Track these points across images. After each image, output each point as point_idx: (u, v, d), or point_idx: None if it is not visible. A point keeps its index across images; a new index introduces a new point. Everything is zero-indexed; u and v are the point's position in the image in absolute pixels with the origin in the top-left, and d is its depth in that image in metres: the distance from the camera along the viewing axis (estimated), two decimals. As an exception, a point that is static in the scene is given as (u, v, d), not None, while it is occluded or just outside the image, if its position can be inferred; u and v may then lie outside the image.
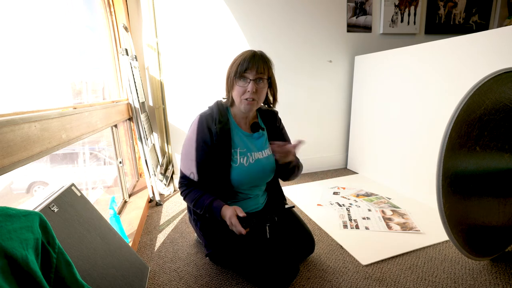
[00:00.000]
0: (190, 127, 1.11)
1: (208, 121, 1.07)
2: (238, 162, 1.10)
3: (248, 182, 1.14)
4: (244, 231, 0.93)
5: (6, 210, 0.48)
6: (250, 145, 1.14)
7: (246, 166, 1.11)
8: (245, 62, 1.00)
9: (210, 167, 1.09)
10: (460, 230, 0.97)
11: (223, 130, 1.08)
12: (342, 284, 1.07)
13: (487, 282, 1.05)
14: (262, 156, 1.17)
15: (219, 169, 1.08)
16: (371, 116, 2.18)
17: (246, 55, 1.02)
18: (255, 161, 1.14)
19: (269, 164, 1.18)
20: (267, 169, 1.17)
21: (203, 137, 1.07)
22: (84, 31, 1.59)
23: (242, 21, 2.04)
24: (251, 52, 1.04)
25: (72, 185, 0.98)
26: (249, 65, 0.99)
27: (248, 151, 1.13)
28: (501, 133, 0.98)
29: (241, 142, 1.12)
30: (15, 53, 1.00)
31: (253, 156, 1.14)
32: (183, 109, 2.05)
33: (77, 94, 1.51)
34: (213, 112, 1.10)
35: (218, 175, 1.09)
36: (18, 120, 0.71)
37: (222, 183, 1.09)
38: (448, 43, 1.53)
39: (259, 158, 1.15)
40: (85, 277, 0.78)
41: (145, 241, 1.42)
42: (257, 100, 1.04)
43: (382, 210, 1.66)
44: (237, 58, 1.05)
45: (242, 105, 1.05)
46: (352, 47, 2.33)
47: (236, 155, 1.11)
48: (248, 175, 1.12)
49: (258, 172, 1.15)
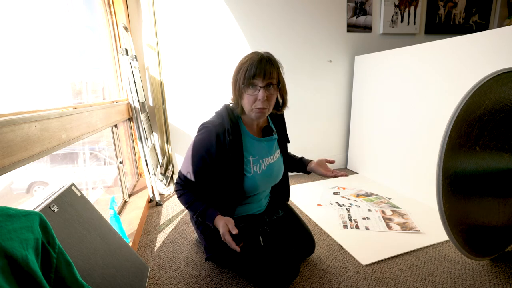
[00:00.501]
0: (198, 134, 1.04)
1: (218, 132, 1.00)
2: (251, 171, 1.07)
3: (261, 188, 1.13)
4: (238, 248, 0.94)
5: (6, 210, 0.48)
6: (262, 151, 1.11)
7: (259, 174, 1.09)
8: (253, 67, 0.93)
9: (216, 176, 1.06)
10: (460, 230, 0.97)
11: (235, 140, 1.02)
12: (342, 284, 1.07)
13: (487, 282, 1.05)
14: (273, 160, 1.14)
15: (231, 179, 1.05)
16: (371, 116, 2.18)
17: (253, 60, 0.94)
18: (267, 167, 1.11)
19: (280, 168, 1.17)
20: (278, 173, 1.16)
21: (208, 147, 1.01)
22: (84, 31, 1.59)
23: (242, 21, 2.04)
24: (257, 56, 0.96)
25: (72, 185, 0.98)
26: (256, 71, 0.92)
27: (260, 158, 1.09)
28: (501, 133, 0.98)
29: (253, 149, 1.08)
30: (15, 53, 1.00)
31: (265, 163, 1.11)
32: (183, 109, 2.06)
33: (77, 94, 1.51)
34: (223, 121, 1.02)
35: (229, 184, 1.06)
36: (18, 120, 0.71)
37: (234, 191, 1.07)
38: (448, 43, 1.53)
39: (271, 163, 1.13)
40: (85, 277, 0.78)
41: (145, 241, 1.42)
42: (268, 107, 0.98)
43: (382, 210, 1.66)
44: (243, 63, 0.97)
45: (253, 113, 0.99)
46: (352, 47, 2.33)
47: (250, 164, 1.07)
48: (261, 182, 1.10)
49: (270, 177, 1.13)
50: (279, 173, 1.18)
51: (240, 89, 0.97)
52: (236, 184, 1.05)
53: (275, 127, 1.19)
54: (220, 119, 1.03)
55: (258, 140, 1.10)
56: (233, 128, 1.02)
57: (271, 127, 1.16)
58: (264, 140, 1.12)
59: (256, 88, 0.95)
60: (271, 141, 1.15)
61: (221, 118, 1.03)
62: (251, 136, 1.09)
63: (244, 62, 0.97)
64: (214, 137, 1.00)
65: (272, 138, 1.15)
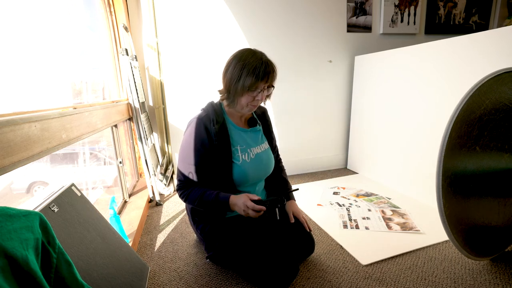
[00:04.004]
0: (186, 130, 1.11)
1: (205, 123, 1.06)
2: (240, 159, 1.11)
3: (251, 178, 1.15)
4: (263, 208, 0.96)
5: (6, 210, 0.48)
6: (249, 141, 1.16)
7: (248, 162, 1.12)
8: (260, 74, 0.98)
9: (210, 168, 1.09)
10: (460, 230, 0.97)
11: (221, 129, 1.08)
12: (342, 284, 1.07)
13: (487, 282, 1.05)
14: (261, 150, 1.19)
15: (221, 168, 1.08)
16: (371, 116, 2.18)
17: (256, 64, 0.98)
18: (255, 156, 1.15)
19: (269, 158, 1.21)
20: (267, 163, 1.20)
21: (201, 139, 1.06)
22: (84, 31, 1.59)
23: (242, 21, 2.04)
24: (259, 61, 1.00)
25: (72, 185, 0.98)
26: (264, 78, 1.00)
27: (248, 147, 1.14)
28: (501, 133, 0.98)
29: (240, 138, 1.13)
30: (15, 53, 1.00)
31: (252, 152, 1.15)
32: (183, 109, 2.05)
33: (77, 94, 1.51)
34: (209, 113, 1.09)
35: (220, 175, 1.09)
36: (18, 120, 0.71)
37: (224, 182, 1.09)
38: (448, 43, 1.53)
39: (258, 153, 1.17)
40: (85, 277, 0.78)
41: (145, 241, 1.42)
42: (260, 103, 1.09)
43: (382, 210, 1.66)
44: (244, 64, 0.99)
45: (247, 109, 1.07)
46: (352, 47, 2.33)
47: (238, 153, 1.11)
48: (251, 171, 1.13)
49: (260, 166, 1.16)
50: (269, 164, 1.21)
51: (242, 88, 1.01)
52: (225, 172, 1.08)
53: (258, 120, 1.25)
54: (205, 112, 1.10)
55: (243, 131, 1.16)
56: (218, 118, 1.09)
57: (255, 118, 1.24)
58: (249, 130, 1.18)
59: (258, 90, 1.02)
60: (256, 132, 1.21)
61: (206, 111, 1.10)
62: (237, 127, 1.14)
63: (246, 64, 0.99)
64: (203, 128, 1.06)
65: (257, 129, 1.22)
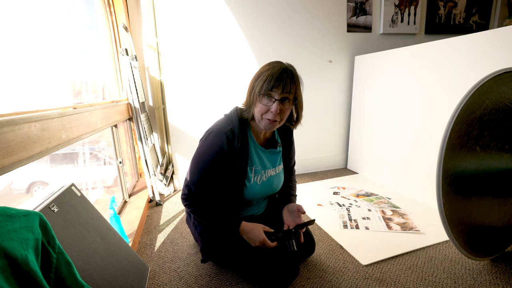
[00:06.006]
0: (206, 139, 1.02)
1: (229, 137, 0.98)
2: (251, 181, 1.07)
3: (257, 198, 1.14)
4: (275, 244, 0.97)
5: (6, 210, 0.48)
6: (265, 162, 1.11)
7: (259, 184, 1.09)
8: (272, 79, 0.91)
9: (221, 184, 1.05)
10: (460, 230, 0.97)
11: (243, 148, 1.01)
12: (342, 284, 1.07)
13: (487, 282, 1.05)
14: (275, 173, 1.14)
15: (231, 186, 1.05)
16: (371, 116, 2.18)
17: (274, 70, 0.92)
18: (268, 178, 1.11)
19: (279, 181, 1.18)
20: (277, 186, 1.17)
21: (220, 154, 0.99)
22: (84, 31, 1.59)
23: (242, 21, 2.04)
24: (279, 67, 0.94)
25: (72, 185, 0.98)
26: (275, 84, 0.91)
27: (263, 169, 1.09)
28: (501, 133, 0.98)
29: (257, 159, 1.08)
30: (15, 53, 1.00)
31: (266, 174, 1.11)
32: (183, 109, 2.05)
33: (77, 94, 1.51)
34: (234, 126, 1.00)
35: (228, 191, 1.06)
36: (18, 120, 0.71)
37: (231, 198, 1.08)
38: (448, 43, 1.53)
39: (272, 176, 1.13)
40: (85, 277, 0.78)
41: (145, 241, 1.42)
42: (279, 121, 0.97)
43: (382, 210, 1.66)
44: (264, 71, 0.95)
45: (263, 123, 0.97)
46: (352, 47, 2.33)
47: (251, 173, 1.06)
48: (260, 192, 1.11)
49: (269, 189, 1.14)
50: (278, 186, 1.18)
51: (255, 96, 0.95)
52: (236, 191, 1.06)
53: (280, 139, 1.18)
54: (230, 124, 1.00)
55: (263, 151, 1.10)
56: (242, 135, 1.00)
57: (276, 139, 1.15)
58: (269, 151, 1.11)
59: (271, 100, 0.93)
60: (275, 154, 1.14)
61: (231, 123, 1.01)
62: (257, 145, 1.08)
63: (265, 70, 0.95)
64: (225, 141, 0.98)
65: (277, 151, 1.14)
